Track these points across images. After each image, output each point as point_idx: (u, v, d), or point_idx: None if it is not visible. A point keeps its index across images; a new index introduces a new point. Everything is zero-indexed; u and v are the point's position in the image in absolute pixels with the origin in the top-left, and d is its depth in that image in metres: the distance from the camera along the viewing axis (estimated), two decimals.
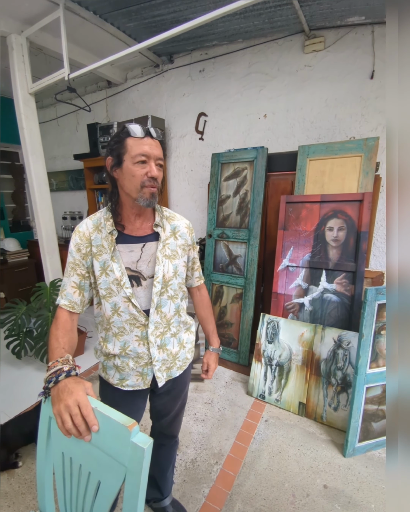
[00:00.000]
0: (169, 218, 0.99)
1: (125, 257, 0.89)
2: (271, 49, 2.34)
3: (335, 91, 2.17)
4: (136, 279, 0.91)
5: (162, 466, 1.24)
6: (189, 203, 3.03)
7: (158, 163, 0.84)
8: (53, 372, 0.69)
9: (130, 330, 0.92)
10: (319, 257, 1.91)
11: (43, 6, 1.97)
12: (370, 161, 1.82)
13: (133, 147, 0.81)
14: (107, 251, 0.87)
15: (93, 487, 0.70)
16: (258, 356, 2.02)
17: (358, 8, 1.87)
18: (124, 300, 0.89)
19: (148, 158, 0.81)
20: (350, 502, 1.33)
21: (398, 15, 0.56)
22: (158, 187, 0.85)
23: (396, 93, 0.57)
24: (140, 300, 0.91)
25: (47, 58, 2.60)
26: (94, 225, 0.90)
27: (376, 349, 1.52)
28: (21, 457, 1.57)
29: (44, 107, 3.86)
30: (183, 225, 1.00)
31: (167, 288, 0.94)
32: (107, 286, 0.88)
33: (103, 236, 0.88)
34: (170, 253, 0.94)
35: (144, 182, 0.82)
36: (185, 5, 1.95)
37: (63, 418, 0.62)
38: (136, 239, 0.91)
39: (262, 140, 2.51)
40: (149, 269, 0.91)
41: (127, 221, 0.91)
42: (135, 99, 3.10)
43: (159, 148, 0.84)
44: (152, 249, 0.92)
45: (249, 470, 1.50)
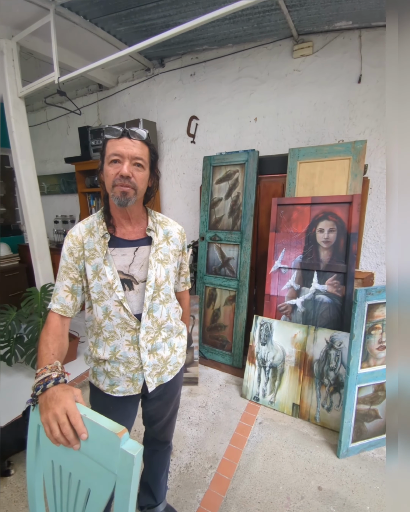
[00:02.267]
0: (162, 223, 0.99)
1: (117, 261, 0.89)
2: (260, 54, 2.37)
3: (324, 95, 2.20)
4: (129, 283, 0.90)
5: (155, 472, 1.23)
6: (181, 205, 3.03)
7: (136, 163, 0.82)
8: (41, 380, 0.68)
9: (121, 335, 0.91)
10: (311, 258, 1.92)
11: (33, 11, 1.97)
12: (358, 163, 1.85)
13: (109, 148, 0.82)
14: (100, 254, 0.87)
15: (83, 495, 0.69)
16: (251, 358, 2.02)
17: (345, 13, 1.91)
18: (116, 304, 0.88)
19: (122, 158, 0.80)
20: (345, 504, 1.33)
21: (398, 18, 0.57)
22: (133, 187, 0.83)
23: (396, 94, 0.58)
24: (132, 304, 0.91)
25: (37, 62, 2.59)
26: (87, 229, 0.90)
27: (367, 349, 1.53)
28: (13, 465, 1.54)
29: (34, 110, 3.84)
30: (175, 230, 1.01)
31: (160, 292, 0.94)
32: (100, 290, 0.88)
33: (96, 240, 0.88)
34: (162, 257, 0.94)
35: (115, 181, 0.81)
36: (175, 10, 1.97)
37: (51, 427, 0.61)
38: (129, 243, 0.91)
39: (252, 143, 2.53)
40: (142, 273, 0.91)
41: (119, 224, 0.91)
42: (127, 103, 3.10)
43: (139, 148, 0.82)
44: (145, 253, 0.92)
45: (243, 473, 1.49)
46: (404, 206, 0.57)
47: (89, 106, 3.34)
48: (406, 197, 0.57)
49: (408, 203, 0.56)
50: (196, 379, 2.18)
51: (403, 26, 0.56)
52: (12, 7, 1.91)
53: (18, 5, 1.89)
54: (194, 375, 2.18)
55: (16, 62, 2.22)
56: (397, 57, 0.57)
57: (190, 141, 2.83)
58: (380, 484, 1.42)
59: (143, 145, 0.83)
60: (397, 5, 0.57)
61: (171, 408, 1.12)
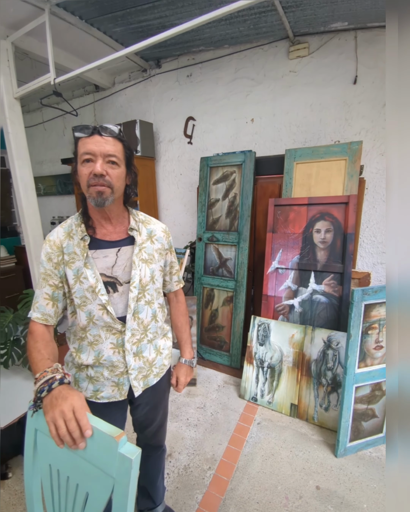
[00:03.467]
0: (145, 222, 0.97)
1: (99, 263, 0.86)
2: (256, 55, 2.37)
3: (320, 96, 2.21)
4: (112, 285, 0.88)
5: (152, 476, 1.22)
6: (179, 206, 3.03)
7: (109, 160, 0.79)
8: (45, 382, 0.68)
9: (106, 338, 0.89)
10: (308, 259, 1.93)
11: (28, 11, 1.95)
12: (354, 164, 1.86)
13: (80, 147, 0.79)
14: (80, 258, 0.84)
15: (81, 499, 0.69)
16: (249, 358, 2.02)
17: (341, 14, 1.92)
18: (100, 308, 0.86)
19: (94, 156, 0.77)
20: (342, 503, 1.34)
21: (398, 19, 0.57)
22: (109, 185, 0.80)
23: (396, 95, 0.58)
24: (117, 306, 0.88)
25: (33, 63, 2.58)
26: (66, 233, 0.87)
27: (364, 349, 1.54)
28: (11, 468, 1.53)
29: (30, 111, 3.82)
30: (159, 229, 0.98)
31: (145, 293, 0.92)
32: (82, 294, 0.85)
33: (75, 243, 0.85)
34: (147, 257, 0.92)
35: (89, 181, 0.79)
36: (171, 11, 1.97)
37: (58, 424, 0.61)
38: (110, 243, 0.88)
39: (249, 144, 2.54)
40: (126, 274, 0.89)
41: (99, 225, 0.89)
42: (123, 104, 3.09)
43: (111, 145, 0.79)
44: (128, 254, 0.90)
45: (242, 474, 1.49)
46: (404, 206, 0.57)
47: (85, 107, 3.33)
48: (406, 197, 0.57)
49: (408, 203, 0.57)
50: (195, 380, 2.18)
51: (403, 26, 0.56)
52: (6, 6, 1.89)
53: (13, 4, 1.87)
54: (192, 376, 2.17)
55: (11, 62, 2.20)
56: (397, 57, 0.57)
57: (187, 142, 2.83)
58: (377, 482, 1.43)
59: (116, 142, 0.80)
60: (397, 6, 0.58)
61: (160, 412, 1.10)
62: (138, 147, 2.66)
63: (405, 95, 0.57)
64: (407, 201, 0.57)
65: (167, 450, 1.62)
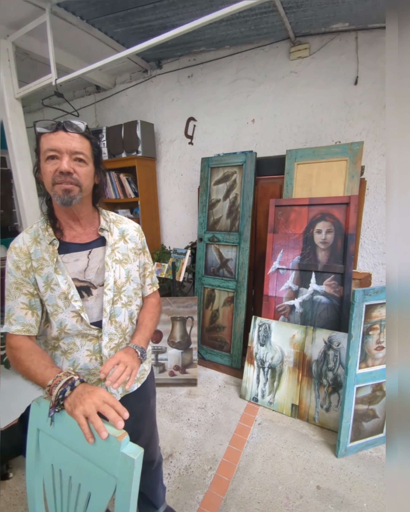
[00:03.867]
0: (116, 221, 0.93)
1: (70, 268, 0.82)
2: (257, 56, 2.37)
3: (321, 96, 2.22)
4: (87, 290, 0.84)
5: (151, 486, 1.18)
6: (179, 207, 3.03)
7: (77, 158, 0.75)
8: (64, 383, 0.67)
9: (81, 345, 0.84)
10: (308, 259, 1.93)
11: (29, 10, 1.95)
12: (355, 165, 1.86)
13: (44, 143, 0.75)
14: (49, 263, 0.80)
15: (83, 499, 0.69)
16: (250, 359, 2.03)
17: (342, 15, 1.92)
18: (73, 315, 0.81)
19: (59, 153, 0.73)
20: (342, 502, 1.34)
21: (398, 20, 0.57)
22: (77, 183, 0.76)
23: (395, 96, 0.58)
24: (92, 311, 0.84)
25: (33, 63, 2.58)
26: (32, 238, 0.82)
27: (365, 350, 1.54)
28: (12, 468, 1.53)
29: (31, 111, 3.82)
30: (132, 228, 0.95)
31: (121, 295, 0.88)
32: (54, 302, 0.80)
33: (43, 248, 0.81)
34: (121, 257, 0.89)
35: (54, 178, 0.74)
36: (172, 12, 1.97)
37: (90, 414, 0.61)
38: (80, 246, 0.84)
39: (250, 145, 2.54)
40: (99, 276, 0.85)
41: (67, 227, 0.84)
42: (124, 104, 3.10)
43: (78, 142, 0.75)
44: (100, 255, 0.86)
45: (243, 474, 1.49)
46: (404, 206, 0.57)
47: (86, 107, 3.33)
48: (406, 197, 0.57)
49: (408, 203, 0.57)
50: (195, 380, 2.18)
51: (403, 27, 0.56)
52: (7, 5, 1.88)
53: (13, 3, 1.86)
54: (193, 377, 2.18)
55: (12, 62, 2.20)
56: (397, 58, 0.58)
57: (188, 142, 2.83)
58: (377, 481, 1.43)
59: (82, 138, 0.77)
60: (397, 6, 0.58)
61: (147, 423, 1.04)
62: (139, 147, 2.67)
63: (405, 96, 0.57)
64: (408, 201, 0.57)
65: (168, 451, 1.63)
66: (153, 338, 2.21)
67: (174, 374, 2.19)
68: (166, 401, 2.04)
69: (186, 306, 2.20)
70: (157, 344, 2.21)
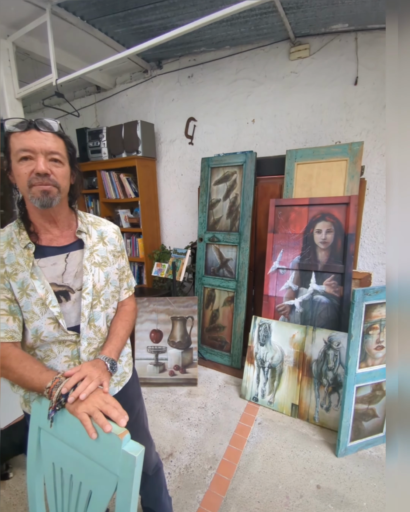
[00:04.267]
0: (94, 223, 0.91)
1: (48, 272, 0.79)
2: (257, 56, 2.38)
3: (321, 97, 2.22)
4: (65, 294, 0.81)
5: (154, 496, 1.15)
6: (180, 207, 3.04)
7: (52, 158, 0.73)
8: None
9: (59, 351, 0.82)
10: (308, 259, 1.94)
11: (29, 10, 1.95)
12: (355, 165, 1.86)
13: (15, 143, 0.71)
14: (24, 268, 0.76)
15: (85, 497, 0.70)
16: (250, 358, 2.03)
17: (341, 16, 1.93)
18: (50, 322, 0.79)
19: (33, 153, 0.70)
20: (342, 501, 1.34)
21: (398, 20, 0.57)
22: (55, 184, 0.74)
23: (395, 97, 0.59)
24: (70, 316, 0.82)
25: (34, 63, 2.58)
26: (5, 242, 0.78)
27: (365, 349, 1.55)
28: (12, 468, 1.53)
29: (31, 111, 3.82)
30: (111, 230, 0.93)
31: (100, 299, 0.86)
32: (29, 309, 0.77)
33: (18, 252, 0.77)
34: (100, 260, 0.87)
35: (31, 180, 0.71)
36: (172, 12, 1.98)
37: (95, 415, 0.63)
38: (57, 249, 0.82)
39: (250, 145, 2.54)
40: (77, 280, 0.83)
41: (42, 230, 0.81)
42: (125, 104, 3.10)
43: (52, 141, 0.73)
44: (78, 258, 0.83)
45: (243, 473, 1.50)
46: (404, 206, 0.58)
47: (86, 107, 3.33)
48: (406, 197, 0.57)
49: (408, 203, 0.57)
50: (196, 380, 2.18)
51: (403, 28, 0.57)
52: (7, 5, 1.87)
53: (13, 3, 1.85)
54: (194, 376, 2.18)
55: (12, 62, 2.20)
56: (397, 58, 0.58)
57: (188, 142, 2.83)
58: (377, 480, 1.44)
59: (57, 138, 0.74)
60: (397, 7, 0.58)
61: (133, 427, 0.97)
62: (140, 147, 2.67)
63: (405, 96, 0.58)
64: (408, 201, 0.57)
65: (168, 450, 1.63)
66: (153, 338, 2.21)
67: (174, 373, 2.20)
68: (166, 400, 2.04)
69: (186, 306, 2.20)
70: (157, 344, 2.21)
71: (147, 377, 2.18)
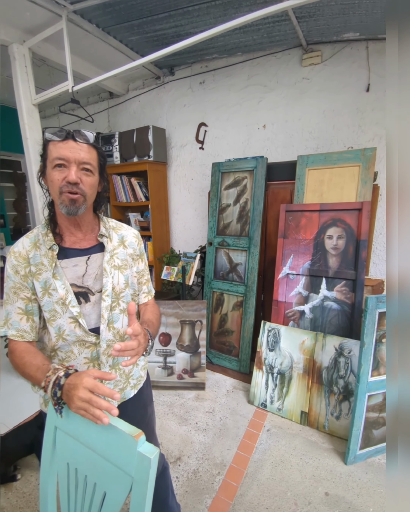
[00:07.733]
0: (115, 228, 0.94)
1: (69, 273, 0.82)
2: (269, 62, 2.40)
3: (333, 103, 2.22)
4: (84, 296, 0.84)
5: (161, 497, 1.14)
6: (189, 211, 3.06)
7: (84, 168, 0.76)
8: (53, 385, 0.67)
9: (79, 353, 0.84)
10: (319, 265, 1.93)
11: (45, 16, 1.97)
12: (368, 170, 1.86)
13: (52, 151, 0.75)
14: (47, 268, 0.80)
15: (99, 498, 0.70)
16: (259, 364, 2.02)
17: (352, 25, 1.95)
18: (71, 321, 0.81)
19: (67, 162, 0.74)
20: (350, 508, 1.33)
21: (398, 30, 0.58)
22: (82, 193, 0.77)
23: (396, 104, 0.59)
24: (90, 317, 0.84)
25: (50, 69, 2.65)
26: (32, 243, 0.83)
27: (377, 357, 1.53)
28: (20, 470, 1.52)
29: (46, 117, 3.91)
30: (131, 234, 0.96)
31: (119, 301, 0.88)
32: (51, 308, 0.80)
33: (43, 253, 0.81)
34: (120, 263, 0.89)
35: (61, 187, 0.75)
36: (186, 20, 2.01)
37: (85, 407, 0.61)
38: (79, 252, 0.85)
39: (261, 150, 2.56)
40: (98, 282, 0.85)
41: (67, 232, 0.85)
42: (137, 110, 3.16)
43: (86, 152, 0.77)
44: (98, 261, 0.86)
45: (251, 480, 1.48)
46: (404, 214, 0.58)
47: (100, 113, 3.41)
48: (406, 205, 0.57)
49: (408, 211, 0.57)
50: (203, 384, 2.18)
51: (403, 37, 0.57)
52: (23, 10, 1.90)
53: (30, 9, 1.89)
54: (201, 380, 2.18)
55: (29, 68, 2.24)
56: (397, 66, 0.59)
57: (199, 147, 2.86)
58: (384, 487, 1.42)
59: (91, 149, 0.78)
60: (397, 16, 0.59)
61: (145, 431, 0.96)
62: (151, 152, 2.71)
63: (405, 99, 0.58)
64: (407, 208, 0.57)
65: (176, 454, 1.63)
66: (161, 341, 2.22)
67: (182, 377, 2.20)
68: (174, 404, 2.04)
69: (195, 309, 2.21)
70: (166, 347, 2.22)
71: (156, 380, 2.19)
